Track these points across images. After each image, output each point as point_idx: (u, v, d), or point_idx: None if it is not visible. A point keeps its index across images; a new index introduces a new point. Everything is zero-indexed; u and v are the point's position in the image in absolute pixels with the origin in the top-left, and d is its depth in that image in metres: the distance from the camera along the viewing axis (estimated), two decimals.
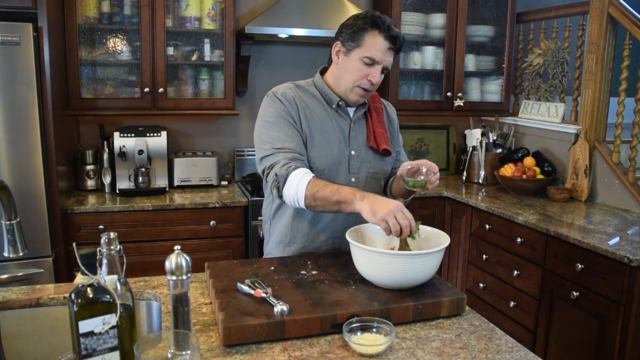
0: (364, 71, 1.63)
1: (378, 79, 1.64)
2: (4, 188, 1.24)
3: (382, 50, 1.61)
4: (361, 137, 1.75)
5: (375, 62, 1.62)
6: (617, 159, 2.88)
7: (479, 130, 3.55)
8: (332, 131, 1.70)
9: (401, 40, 1.64)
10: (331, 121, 1.70)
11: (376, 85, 1.66)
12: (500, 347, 1.24)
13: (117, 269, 1.03)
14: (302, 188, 1.52)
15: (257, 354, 1.17)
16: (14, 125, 2.41)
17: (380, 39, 1.61)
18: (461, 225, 3.18)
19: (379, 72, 1.63)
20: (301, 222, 1.73)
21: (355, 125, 1.74)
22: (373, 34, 1.61)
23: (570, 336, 2.38)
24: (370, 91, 1.68)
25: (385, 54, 1.62)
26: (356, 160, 1.72)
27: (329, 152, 1.68)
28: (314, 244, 1.74)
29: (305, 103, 1.69)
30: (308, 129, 1.67)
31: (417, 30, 3.49)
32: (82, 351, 0.97)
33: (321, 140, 1.67)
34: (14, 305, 1.44)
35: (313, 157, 1.66)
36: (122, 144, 2.97)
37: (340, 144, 1.70)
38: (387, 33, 1.60)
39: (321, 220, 1.72)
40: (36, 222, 2.49)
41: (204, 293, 1.51)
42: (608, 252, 2.14)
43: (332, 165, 1.68)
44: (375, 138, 1.74)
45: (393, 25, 1.63)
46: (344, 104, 1.72)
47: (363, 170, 1.73)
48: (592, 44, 2.97)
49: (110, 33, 3.01)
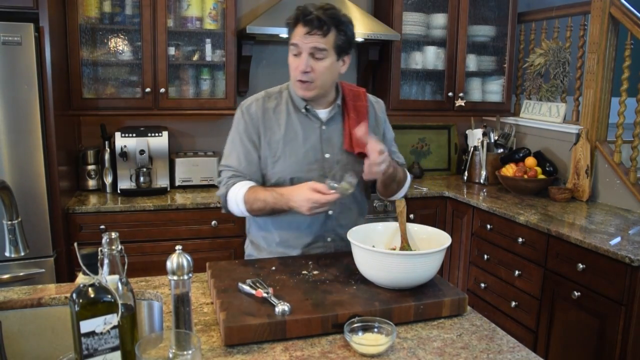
0: (295, 63, 1.63)
1: (303, 66, 1.59)
2: (6, 188, 1.24)
3: (300, 35, 1.59)
4: (337, 139, 1.71)
5: (298, 49, 1.60)
6: (618, 159, 2.88)
7: (480, 130, 3.55)
8: (301, 137, 1.68)
9: (322, 20, 1.57)
10: (300, 126, 1.69)
11: (315, 74, 1.61)
12: (502, 347, 1.24)
13: (118, 269, 1.03)
14: (242, 205, 1.62)
15: (258, 354, 1.17)
16: (16, 125, 2.41)
17: (299, 27, 1.60)
18: (462, 225, 3.18)
19: (305, 60, 1.59)
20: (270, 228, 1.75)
21: (328, 127, 1.71)
22: (297, 26, 1.61)
23: (571, 336, 2.38)
24: (311, 82, 1.62)
25: (304, 39, 1.58)
26: (332, 163, 1.69)
27: (296, 160, 1.66)
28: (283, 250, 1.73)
29: (271, 114, 1.69)
30: (272, 142, 1.67)
31: (418, 30, 3.49)
32: (84, 351, 0.97)
33: (287, 149, 1.66)
34: (15, 305, 1.44)
35: (281, 168, 1.66)
36: (123, 144, 2.97)
37: (311, 149, 1.68)
38: (304, 19, 1.58)
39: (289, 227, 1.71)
40: (37, 222, 2.49)
41: (205, 293, 1.51)
42: (609, 252, 2.14)
43: (302, 171, 1.66)
44: (351, 141, 1.67)
45: (316, 9, 1.59)
46: (312, 107, 1.70)
47: (339, 173, 1.66)
48: (593, 44, 2.96)
49: (112, 33, 3.01)
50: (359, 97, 1.77)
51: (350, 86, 1.80)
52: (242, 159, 1.68)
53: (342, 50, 1.64)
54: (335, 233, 1.73)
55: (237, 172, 1.68)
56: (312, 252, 1.72)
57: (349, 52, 1.68)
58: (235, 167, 1.68)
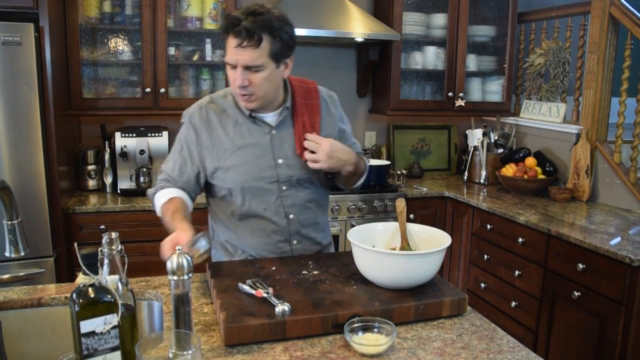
0: (232, 76, 1.53)
1: (240, 81, 1.49)
2: (6, 188, 1.24)
3: (232, 50, 1.48)
4: (288, 143, 1.64)
5: (232, 65, 1.50)
6: (618, 159, 2.88)
7: (481, 130, 3.55)
8: (249, 143, 1.61)
9: (251, 30, 1.44)
10: (249, 133, 1.62)
11: (255, 87, 1.51)
12: (502, 347, 1.24)
13: (118, 269, 1.03)
14: (159, 213, 1.64)
15: (258, 354, 1.17)
16: (16, 125, 2.41)
17: (231, 40, 1.48)
18: (462, 225, 3.18)
19: (240, 74, 1.49)
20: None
21: (278, 131, 1.64)
22: (228, 36, 1.49)
23: (571, 336, 2.38)
24: (253, 94, 1.53)
25: (236, 53, 1.47)
26: (285, 168, 1.63)
27: (247, 169, 1.60)
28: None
29: (216, 123, 1.63)
30: (220, 153, 1.61)
31: (418, 30, 3.49)
32: (84, 351, 0.97)
33: (237, 158, 1.61)
34: (15, 305, 1.44)
35: (232, 177, 1.61)
36: (123, 144, 2.98)
37: (262, 155, 1.61)
38: (233, 29, 1.46)
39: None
40: (37, 222, 2.49)
41: (205, 293, 1.51)
42: (609, 252, 2.14)
43: (253, 178, 1.61)
44: (301, 145, 1.61)
45: (246, 15, 1.46)
46: (257, 113, 1.62)
47: (294, 178, 1.64)
48: (593, 44, 2.96)
49: (112, 33, 3.01)
50: (310, 95, 1.69)
51: (301, 82, 1.71)
52: (176, 169, 1.66)
53: (281, 56, 1.52)
54: (299, 234, 1.70)
55: (169, 177, 1.67)
56: (281, 256, 1.68)
57: (290, 55, 1.57)
58: (169, 173, 1.67)
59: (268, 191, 1.63)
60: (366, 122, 3.80)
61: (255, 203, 1.63)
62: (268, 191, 1.63)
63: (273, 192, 1.63)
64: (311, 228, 1.72)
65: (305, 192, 1.68)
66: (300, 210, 1.68)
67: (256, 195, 1.63)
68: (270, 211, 1.64)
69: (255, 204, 1.63)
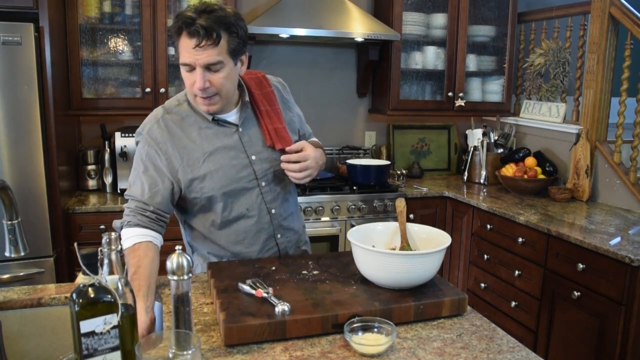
0: (190, 79, 1.46)
1: (200, 83, 1.43)
2: (5, 188, 1.24)
3: (188, 50, 1.41)
4: (257, 138, 1.62)
5: (191, 66, 1.44)
6: (618, 159, 2.88)
7: (480, 130, 3.55)
8: (219, 147, 1.57)
9: (208, 28, 1.39)
10: (216, 136, 1.57)
11: (216, 87, 1.46)
12: (502, 347, 1.24)
13: (118, 269, 1.03)
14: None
15: (258, 354, 1.17)
16: (16, 125, 2.41)
17: (185, 40, 1.41)
18: (462, 225, 3.18)
19: (201, 75, 1.43)
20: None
21: (245, 129, 1.61)
22: (181, 37, 1.43)
23: (571, 336, 2.38)
24: (216, 95, 1.48)
25: (194, 54, 1.41)
26: (260, 163, 1.61)
27: (224, 173, 1.57)
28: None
29: (179, 133, 1.56)
30: (191, 163, 1.55)
31: (418, 30, 3.49)
32: (84, 351, 0.97)
33: (211, 164, 1.56)
34: (15, 305, 1.44)
35: (210, 185, 1.56)
36: (123, 144, 2.97)
37: (235, 156, 1.58)
38: (188, 29, 1.39)
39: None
40: (37, 222, 2.49)
41: (205, 293, 1.51)
42: (609, 252, 2.14)
43: (231, 181, 1.58)
44: (271, 136, 1.60)
45: (198, 14, 1.40)
46: (218, 116, 1.57)
47: (270, 171, 1.63)
48: (593, 44, 2.96)
49: (112, 33, 3.01)
50: (262, 84, 1.66)
51: (249, 73, 1.67)
52: (146, 192, 1.52)
53: (238, 52, 1.48)
54: (282, 227, 1.70)
55: (140, 203, 1.52)
56: (266, 254, 1.68)
57: (245, 51, 1.53)
58: (139, 198, 1.53)
59: (249, 190, 1.61)
60: (366, 122, 3.80)
61: (238, 205, 1.61)
62: (249, 190, 1.61)
63: (253, 190, 1.62)
64: (290, 219, 1.74)
65: (282, 183, 1.68)
66: (281, 204, 1.69)
67: (237, 197, 1.61)
68: (254, 210, 1.63)
69: (237, 206, 1.61)
